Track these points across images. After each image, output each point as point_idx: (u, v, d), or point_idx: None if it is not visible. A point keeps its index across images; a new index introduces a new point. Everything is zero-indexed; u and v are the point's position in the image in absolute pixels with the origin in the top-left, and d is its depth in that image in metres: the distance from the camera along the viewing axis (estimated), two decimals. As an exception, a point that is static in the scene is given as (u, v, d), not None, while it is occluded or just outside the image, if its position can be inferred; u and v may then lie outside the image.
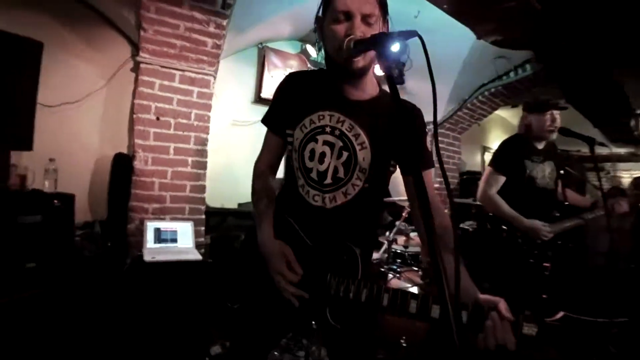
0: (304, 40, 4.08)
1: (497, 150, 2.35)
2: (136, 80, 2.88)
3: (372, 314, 1.25)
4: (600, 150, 6.33)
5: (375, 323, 1.43)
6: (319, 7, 1.13)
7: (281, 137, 1.25)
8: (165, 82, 2.95)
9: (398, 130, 1.13)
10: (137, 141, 2.85)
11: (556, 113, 2.23)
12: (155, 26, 2.84)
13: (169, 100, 2.96)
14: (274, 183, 1.32)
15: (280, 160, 1.33)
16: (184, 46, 2.99)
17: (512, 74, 4.25)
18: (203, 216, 3.13)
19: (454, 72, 4.32)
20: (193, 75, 3.08)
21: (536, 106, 2.28)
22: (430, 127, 0.91)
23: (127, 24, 2.98)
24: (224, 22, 2.98)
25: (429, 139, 1.32)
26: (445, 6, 2.55)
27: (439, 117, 5.02)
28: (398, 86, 0.77)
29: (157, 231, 2.68)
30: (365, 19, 1.04)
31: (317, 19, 1.15)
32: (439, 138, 3.88)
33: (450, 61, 4.20)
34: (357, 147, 1.15)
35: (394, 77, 0.77)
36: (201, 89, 3.12)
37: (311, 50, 3.95)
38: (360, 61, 1.07)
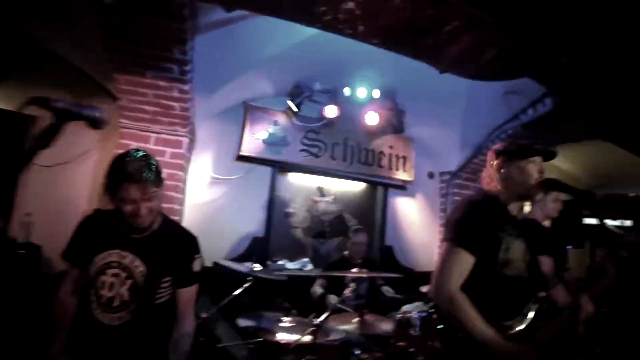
0: (294, 94, 3.96)
1: (462, 216, 1.57)
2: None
3: None
4: None
5: None
6: None
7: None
8: (142, 144, 3.12)
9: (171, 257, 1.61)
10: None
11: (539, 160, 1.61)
12: (127, 95, 3.05)
13: (144, 162, 3.08)
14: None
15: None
16: (156, 111, 3.15)
17: (530, 111, 3.68)
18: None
19: (460, 114, 3.88)
20: (166, 136, 3.25)
21: (517, 151, 1.62)
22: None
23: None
24: (186, 87, 3.04)
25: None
26: (375, 41, 2.19)
27: (454, 167, 4.48)
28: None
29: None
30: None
31: None
32: (456, 190, 3.33)
33: (454, 102, 3.79)
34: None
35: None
36: (174, 150, 3.27)
37: (292, 106, 3.80)
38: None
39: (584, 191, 1.54)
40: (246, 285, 2.55)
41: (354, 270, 2.76)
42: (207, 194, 3.74)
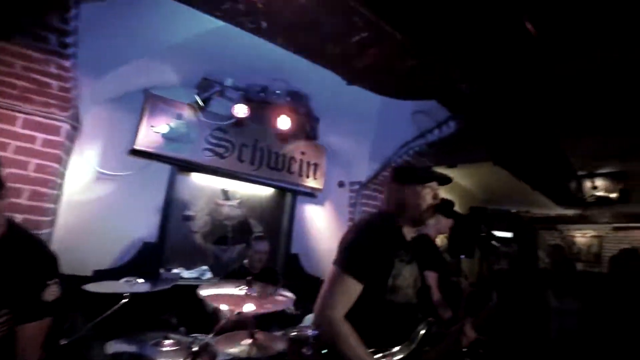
0: (202, 87, 3.63)
1: (353, 240, 1.48)
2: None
3: None
4: (549, 211, 6.14)
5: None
6: None
7: None
8: (5, 126, 2.56)
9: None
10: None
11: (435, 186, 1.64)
12: (-13, 62, 2.48)
13: (4, 147, 2.55)
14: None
15: None
16: (26, 87, 2.60)
17: (436, 132, 3.85)
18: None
19: (372, 127, 3.92)
20: (39, 119, 2.68)
21: (413, 175, 1.60)
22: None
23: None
24: (67, 63, 2.60)
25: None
26: (279, 40, 2.07)
27: (363, 177, 4.53)
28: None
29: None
30: None
31: None
32: (364, 200, 3.30)
33: (368, 115, 3.81)
34: None
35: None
36: (48, 136, 2.72)
37: (199, 100, 3.48)
38: None
39: (468, 215, 1.56)
40: (123, 301, 2.21)
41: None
42: (91, 192, 3.21)
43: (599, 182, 5.55)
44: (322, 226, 4.58)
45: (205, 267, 3.77)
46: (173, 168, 3.55)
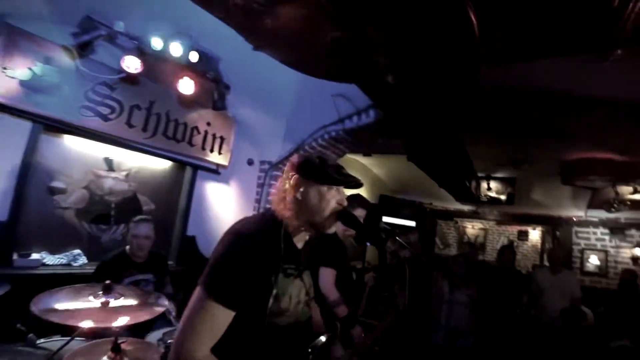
0: (83, 28, 2.89)
1: (224, 255, 1.14)
2: None
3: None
4: (449, 205, 6.58)
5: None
6: None
7: None
8: None
9: None
10: None
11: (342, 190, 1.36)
12: None
13: None
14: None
15: None
16: None
17: (355, 118, 3.66)
18: None
19: (290, 105, 3.59)
20: None
21: (322, 174, 1.29)
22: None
23: None
24: None
25: None
26: None
27: (275, 157, 4.21)
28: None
29: None
30: None
31: None
32: (273, 182, 2.87)
33: (286, 90, 3.46)
34: None
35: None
36: None
37: (79, 43, 2.77)
38: None
39: (367, 224, 1.34)
40: None
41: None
42: None
43: (493, 185, 6.48)
44: (224, 207, 4.17)
45: (77, 251, 3.13)
46: (36, 126, 2.80)
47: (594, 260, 6.51)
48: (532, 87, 2.68)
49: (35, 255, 2.89)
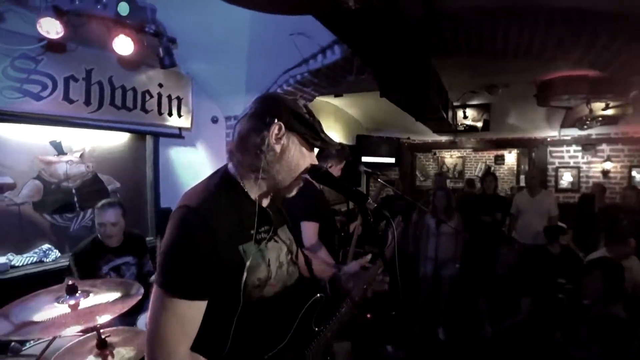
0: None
1: (172, 243, 0.93)
2: None
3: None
4: (427, 138, 6.55)
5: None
6: None
7: None
8: None
9: None
10: None
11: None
12: None
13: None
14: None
15: None
16: None
17: (319, 57, 3.36)
18: None
19: (245, 51, 3.24)
20: None
21: (303, 120, 1.08)
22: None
23: None
24: None
25: None
26: None
27: (240, 111, 3.93)
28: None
29: None
30: None
31: None
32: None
33: (239, 35, 3.09)
34: None
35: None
36: None
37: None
38: None
39: (350, 186, 1.16)
40: None
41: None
42: None
43: (469, 112, 6.50)
44: (195, 171, 3.92)
45: (47, 246, 2.90)
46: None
47: (567, 178, 6.69)
48: (498, 3, 2.49)
49: (1, 259, 2.65)
